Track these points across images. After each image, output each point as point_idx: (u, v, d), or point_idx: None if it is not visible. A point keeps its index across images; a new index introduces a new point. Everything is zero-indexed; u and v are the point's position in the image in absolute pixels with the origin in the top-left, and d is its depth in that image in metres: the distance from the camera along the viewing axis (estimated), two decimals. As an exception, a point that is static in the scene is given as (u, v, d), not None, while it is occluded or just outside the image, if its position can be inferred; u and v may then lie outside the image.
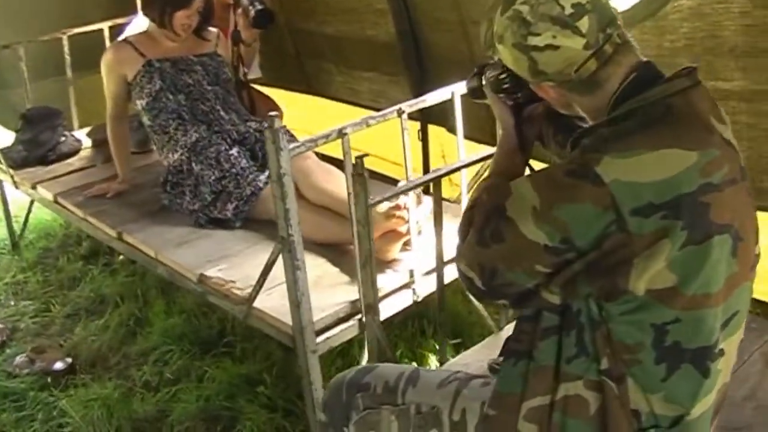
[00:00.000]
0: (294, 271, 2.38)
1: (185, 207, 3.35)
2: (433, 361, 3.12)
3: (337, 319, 2.63)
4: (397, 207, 2.72)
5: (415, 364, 3.07)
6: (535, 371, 1.56)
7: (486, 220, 1.53)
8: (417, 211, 2.78)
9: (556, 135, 1.83)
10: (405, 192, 2.08)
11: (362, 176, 1.89)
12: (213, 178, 3.25)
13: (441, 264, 2.22)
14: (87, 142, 4.38)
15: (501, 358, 1.94)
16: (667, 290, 1.43)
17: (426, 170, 2.60)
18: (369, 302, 2.01)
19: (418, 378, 1.78)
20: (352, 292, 2.68)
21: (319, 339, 2.55)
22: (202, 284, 2.92)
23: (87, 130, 4.46)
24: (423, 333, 3.25)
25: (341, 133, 2.43)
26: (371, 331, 2.05)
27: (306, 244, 2.45)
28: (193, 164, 3.33)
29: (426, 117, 3.82)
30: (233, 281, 2.85)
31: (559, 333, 1.53)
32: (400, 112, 2.59)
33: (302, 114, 4.78)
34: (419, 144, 3.91)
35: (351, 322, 2.65)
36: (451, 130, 3.97)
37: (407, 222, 2.72)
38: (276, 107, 4.14)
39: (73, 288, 4.01)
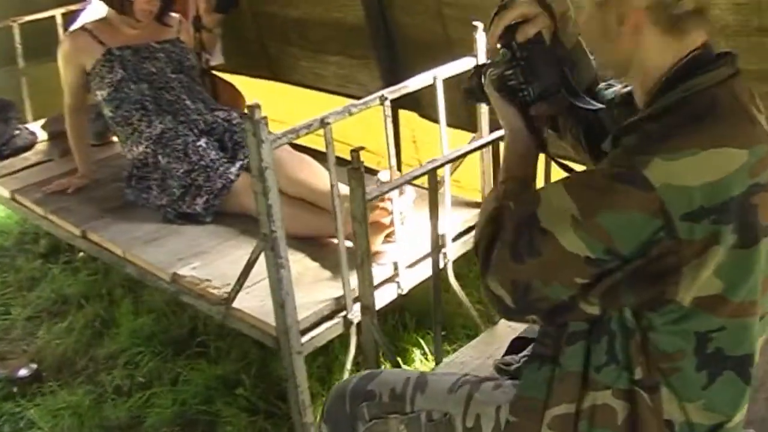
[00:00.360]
0: (278, 270, 2.25)
1: (152, 202, 3.20)
2: (417, 356, 3.02)
3: (321, 318, 2.52)
4: (381, 198, 2.60)
5: (399, 359, 2.97)
6: (561, 377, 1.46)
7: (517, 232, 1.39)
8: (400, 201, 2.67)
9: (571, 127, 1.72)
10: (403, 184, 1.96)
11: (359, 171, 1.76)
12: (181, 171, 3.10)
13: (437, 258, 2.10)
14: (42, 135, 4.19)
15: (508, 358, 1.85)
16: (714, 298, 1.33)
17: (398, 157, 2.48)
18: (366, 304, 1.89)
19: (426, 383, 1.67)
20: (336, 288, 2.56)
21: (304, 339, 2.43)
22: (176, 284, 2.78)
23: (42, 122, 4.26)
24: (405, 327, 3.15)
25: (323, 123, 2.30)
26: (369, 334, 1.94)
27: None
28: (160, 157, 3.17)
29: (396, 101, 3.69)
30: (208, 280, 2.71)
31: (588, 339, 1.43)
32: (382, 99, 2.47)
33: (266, 101, 4.60)
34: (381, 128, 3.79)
35: (336, 320, 2.53)
36: (424, 115, 3.89)
37: (391, 213, 2.61)
38: (239, 95, 4.01)
39: (33, 289, 3.82)
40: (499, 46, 1.57)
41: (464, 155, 2.11)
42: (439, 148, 2.80)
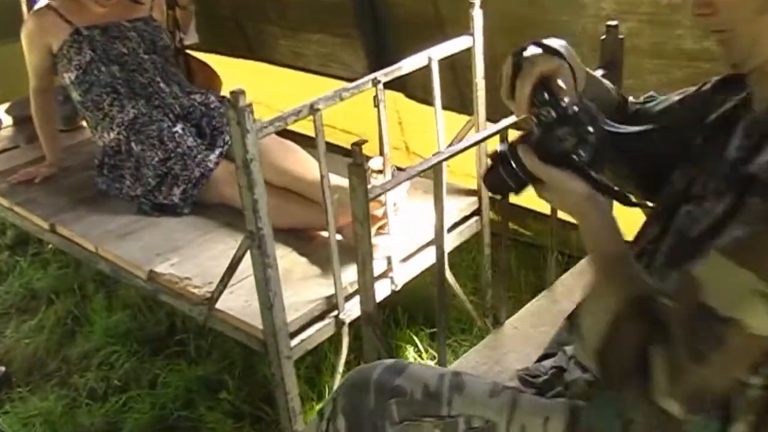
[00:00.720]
0: (265, 270, 2.07)
1: (125, 192, 3.00)
2: (410, 354, 2.85)
3: (311, 318, 2.34)
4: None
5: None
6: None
7: (689, 330, 1.11)
8: (394, 191, 2.49)
9: (626, 173, 1.53)
10: (409, 179, 1.77)
11: (361, 167, 1.57)
12: (156, 159, 2.90)
13: (442, 257, 1.92)
14: (7, 120, 3.97)
15: (533, 368, 1.68)
16: None
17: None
18: (368, 312, 1.72)
19: (463, 384, 1.44)
20: (326, 286, 2.39)
21: (294, 342, 2.26)
22: (153, 282, 2.59)
23: (5, 106, 4.04)
24: (396, 322, 2.97)
25: (313, 109, 2.12)
26: (371, 344, 1.76)
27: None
28: (133, 144, 2.96)
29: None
30: (188, 278, 2.52)
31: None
32: (375, 82, 2.28)
33: (243, 82, 4.40)
34: (366, 110, 3.60)
35: (327, 321, 2.37)
36: (411, 95, 3.70)
37: (384, 205, 2.44)
38: (215, 75, 3.79)
39: (0, 283, 3.61)
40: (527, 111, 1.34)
41: (472, 145, 1.92)
42: (432, 135, 2.63)
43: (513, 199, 1.56)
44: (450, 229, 2.66)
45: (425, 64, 2.44)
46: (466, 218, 2.82)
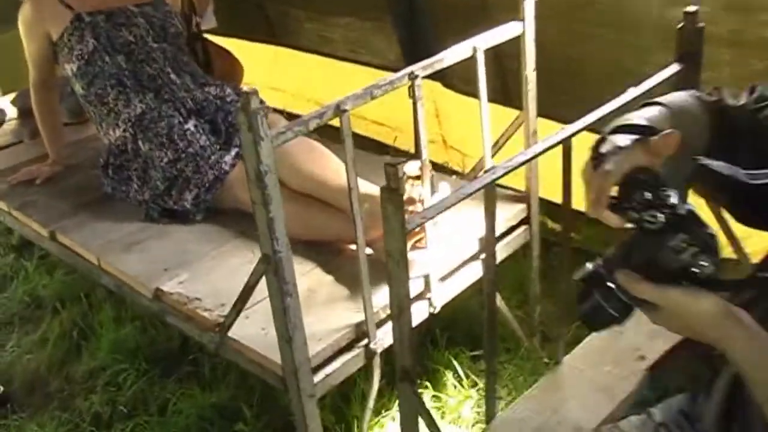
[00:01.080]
0: (283, 298, 1.76)
1: (132, 196, 2.70)
2: (449, 380, 2.53)
3: (338, 350, 2.04)
4: (411, 200, 2.10)
5: (429, 384, 2.49)
6: None
7: None
8: (432, 200, 2.17)
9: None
10: (456, 203, 1.43)
11: (397, 193, 1.25)
12: (165, 160, 2.59)
13: (493, 294, 1.59)
14: (12, 112, 3.69)
15: (625, 425, 1.37)
16: None
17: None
18: (405, 366, 1.40)
19: None
20: (354, 311, 2.09)
21: (318, 378, 1.96)
22: (159, 301, 2.30)
23: (11, 97, 3.76)
24: (434, 343, 2.66)
25: (339, 110, 1.80)
26: (409, 403, 1.44)
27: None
28: (140, 143, 2.66)
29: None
30: (198, 298, 2.23)
31: None
32: (412, 77, 1.96)
33: (266, 68, 4.14)
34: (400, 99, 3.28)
35: (355, 351, 2.06)
36: (449, 86, 3.38)
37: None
38: (236, 63, 3.50)
39: (4, 289, 3.36)
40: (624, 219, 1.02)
41: (530, 160, 1.59)
42: (472, 128, 2.31)
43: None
44: (497, 240, 2.34)
45: (469, 56, 2.11)
46: (513, 228, 2.49)
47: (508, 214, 2.47)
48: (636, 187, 0.96)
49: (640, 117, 1.09)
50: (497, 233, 2.35)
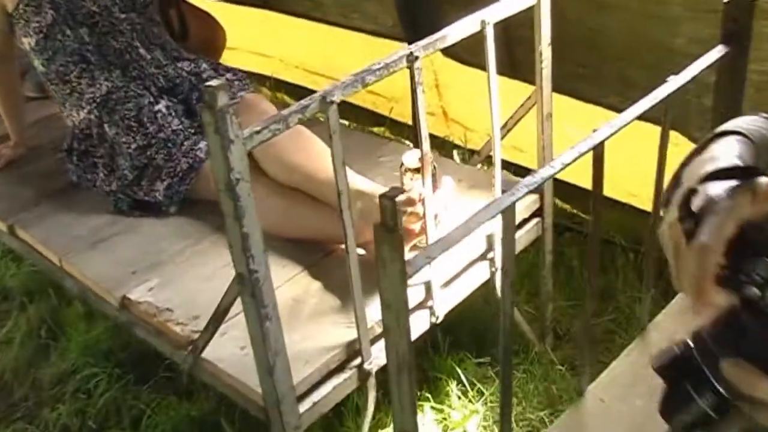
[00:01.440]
0: (261, 323, 1.51)
1: (99, 186, 2.43)
2: (453, 389, 2.28)
3: (327, 372, 1.78)
4: (410, 201, 1.84)
5: (429, 395, 2.24)
6: None
7: None
8: (435, 199, 1.91)
9: None
10: (467, 234, 1.14)
11: (397, 234, 0.98)
12: (134, 146, 2.31)
13: (510, 302, 1.30)
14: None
15: None
16: None
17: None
18: (406, 430, 1.14)
19: None
20: (346, 326, 1.83)
21: (304, 407, 1.71)
22: (126, 311, 2.04)
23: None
24: (436, 348, 2.40)
25: (326, 102, 1.52)
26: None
27: (272, 242, 1.64)
28: (106, 126, 2.38)
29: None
30: (169, 309, 1.97)
31: None
32: (411, 59, 1.67)
33: (253, 33, 3.84)
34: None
35: (347, 373, 1.81)
36: (450, 55, 3.09)
37: (422, 218, 1.85)
38: (217, 27, 3.24)
39: (-33, 282, 3.09)
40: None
41: (561, 170, 1.30)
42: (475, 100, 2.05)
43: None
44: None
45: (477, 30, 1.82)
46: (524, 221, 2.23)
47: (519, 205, 2.19)
48: (749, 253, 0.69)
49: (729, 155, 0.81)
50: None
